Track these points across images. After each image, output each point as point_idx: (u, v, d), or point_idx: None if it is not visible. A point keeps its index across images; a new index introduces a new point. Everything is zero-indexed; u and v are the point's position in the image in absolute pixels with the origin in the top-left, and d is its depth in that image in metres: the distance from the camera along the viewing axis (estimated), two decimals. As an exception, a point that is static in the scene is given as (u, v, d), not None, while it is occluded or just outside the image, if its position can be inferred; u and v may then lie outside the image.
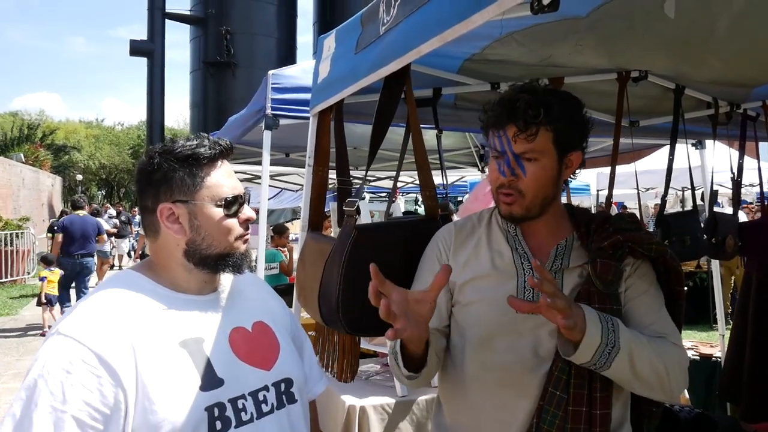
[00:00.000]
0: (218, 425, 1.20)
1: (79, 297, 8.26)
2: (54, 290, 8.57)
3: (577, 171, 1.57)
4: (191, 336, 1.25)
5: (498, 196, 1.50)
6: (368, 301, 1.60)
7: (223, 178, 1.30)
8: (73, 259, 8.60)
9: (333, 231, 3.25)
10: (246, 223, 1.34)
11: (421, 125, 2.81)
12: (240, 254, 1.33)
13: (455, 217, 1.96)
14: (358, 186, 2.14)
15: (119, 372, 1.13)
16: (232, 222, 1.31)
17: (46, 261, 8.87)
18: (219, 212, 1.29)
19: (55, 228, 9.40)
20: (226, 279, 1.39)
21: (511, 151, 1.44)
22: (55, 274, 8.62)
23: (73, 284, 8.83)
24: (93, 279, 9.39)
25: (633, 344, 1.37)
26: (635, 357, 1.36)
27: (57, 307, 8.62)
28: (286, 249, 7.05)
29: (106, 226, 10.24)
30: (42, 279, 8.64)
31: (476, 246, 1.57)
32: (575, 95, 1.52)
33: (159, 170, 1.27)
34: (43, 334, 8.48)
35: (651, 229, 3.02)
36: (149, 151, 1.31)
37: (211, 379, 1.22)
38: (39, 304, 8.64)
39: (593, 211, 1.66)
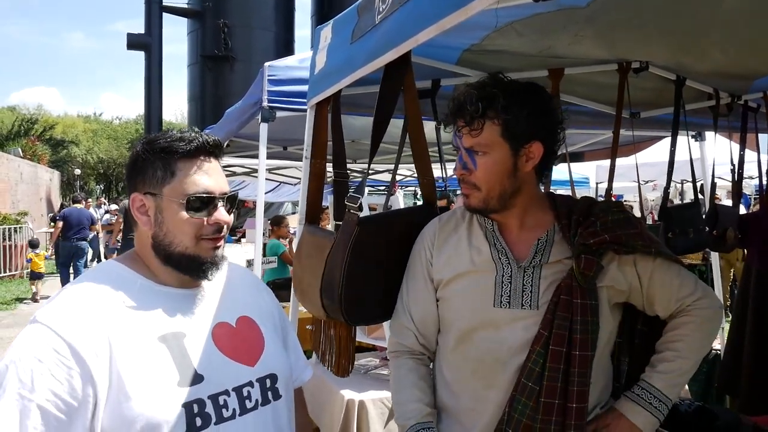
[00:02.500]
0: (198, 422, 1.18)
1: (76, 275, 10.28)
2: (41, 269, 10.75)
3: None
4: (171, 330, 1.23)
5: (461, 188, 1.55)
6: (368, 294, 1.67)
7: (198, 175, 1.25)
8: (70, 242, 10.73)
9: (330, 224, 3.23)
10: (216, 226, 1.27)
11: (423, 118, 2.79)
12: (205, 259, 1.27)
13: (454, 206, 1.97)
14: (358, 180, 2.13)
15: (91, 365, 1.11)
16: (196, 222, 1.25)
17: (32, 245, 11.18)
18: (182, 209, 1.24)
19: (57, 217, 11.63)
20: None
21: (462, 145, 1.48)
22: (40, 256, 10.77)
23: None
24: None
25: (678, 382, 1.56)
26: (686, 379, 1.58)
27: (45, 281, 10.90)
28: (287, 240, 7.05)
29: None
30: (28, 261, 10.85)
31: (458, 243, 1.59)
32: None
33: (139, 159, 1.26)
34: (35, 300, 10.62)
35: (650, 222, 3.00)
36: (137, 142, 1.31)
37: (189, 375, 1.20)
38: (30, 279, 10.96)
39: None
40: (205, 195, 1.25)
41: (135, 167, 1.27)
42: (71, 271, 10.93)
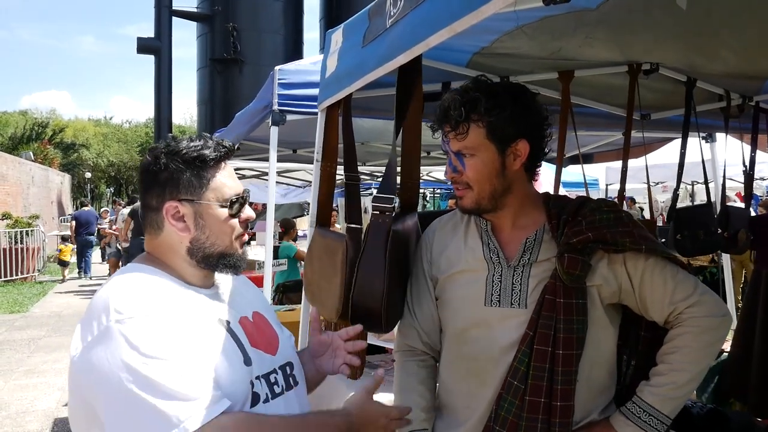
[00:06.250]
0: (249, 399, 1.26)
1: (84, 262, 14.08)
2: (66, 257, 13.75)
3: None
4: (222, 317, 1.31)
5: (454, 191, 1.57)
6: (401, 297, 1.69)
7: (227, 179, 1.35)
8: (82, 237, 13.87)
9: (341, 226, 3.23)
10: (246, 223, 1.38)
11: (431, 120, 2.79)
12: (239, 256, 1.37)
13: None
14: (368, 182, 2.14)
15: (195, 338, 1.20)
16: (234, 222, 1.35)
17: (63, 239, 14.51)
18: (224, 212, 1.33)
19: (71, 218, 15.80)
20: (219, 275, 1.43)
21: (450, 149, 1.52)
22: (68, 248, 13.85)
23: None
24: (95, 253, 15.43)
25: (673, 396, 1.49)
26: (685, 392, 1.50)
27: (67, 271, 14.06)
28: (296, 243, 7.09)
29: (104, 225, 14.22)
30: (58, 250, 14.14)
31: (455, 243, 1.62)
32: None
33: (165, 170, 1.30)
34: (63, 281, 13.57)
35: (660, 224, 2.99)
36: (154, 150, 1.34)
37: (247, 357, 1.29)
38: (60, 264, 14.09)
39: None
40: (238, 197, 1.35)
41: (160, 177, 1.30)
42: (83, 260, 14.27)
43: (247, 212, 1.38)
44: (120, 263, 12.81)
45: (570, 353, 1.45)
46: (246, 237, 1.40)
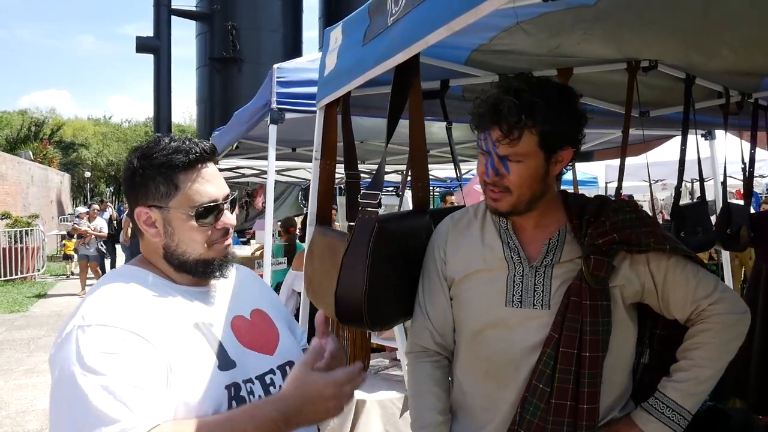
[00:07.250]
0: (233, 404, 1.23)
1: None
2: (71, 251, 13.56)
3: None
4: (201, 320, 1.28)
5: (485, 191, 1.52)
6: (387, 295, 1.64)
7: (201, 185, 1.28)
8: None
9: (341, 225, 3.22)
10: (223, 230, 1.33)
11: (431, 118, 2.80)
12: (219, 260, 1.33)
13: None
14: (368, 180, 2.13)
15: (158, 348, 1.16)
16: (206, 230, 1.30)
17: (69, 235, 14.20)
18: (191, 220, 1.28)
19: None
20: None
21: (495, 153, 1.44)
22: (72, 242, 13.47)
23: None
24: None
25: (695, 392, 1.50)
26: (706, 388, 1.50)
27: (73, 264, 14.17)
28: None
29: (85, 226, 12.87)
30: (62, 244, 14.69)
31: (471, 241, 1.59)
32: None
33: (137, 174, 1.28)
34: (68, 277, 14.00)
35: (660, 221, 2.98)
36: (133, 152, 1.31)
37: (225, 360, 1.25)
38: (64, 259, 14.32)
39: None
40: (211, 203, 1.29)
41: (134, 182, 1.28)
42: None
43: (225, 219, 1.31)
44: (110, 264, 13.03)
45: (596, 355, 1.43)
46: (228, 242, 1.35)
